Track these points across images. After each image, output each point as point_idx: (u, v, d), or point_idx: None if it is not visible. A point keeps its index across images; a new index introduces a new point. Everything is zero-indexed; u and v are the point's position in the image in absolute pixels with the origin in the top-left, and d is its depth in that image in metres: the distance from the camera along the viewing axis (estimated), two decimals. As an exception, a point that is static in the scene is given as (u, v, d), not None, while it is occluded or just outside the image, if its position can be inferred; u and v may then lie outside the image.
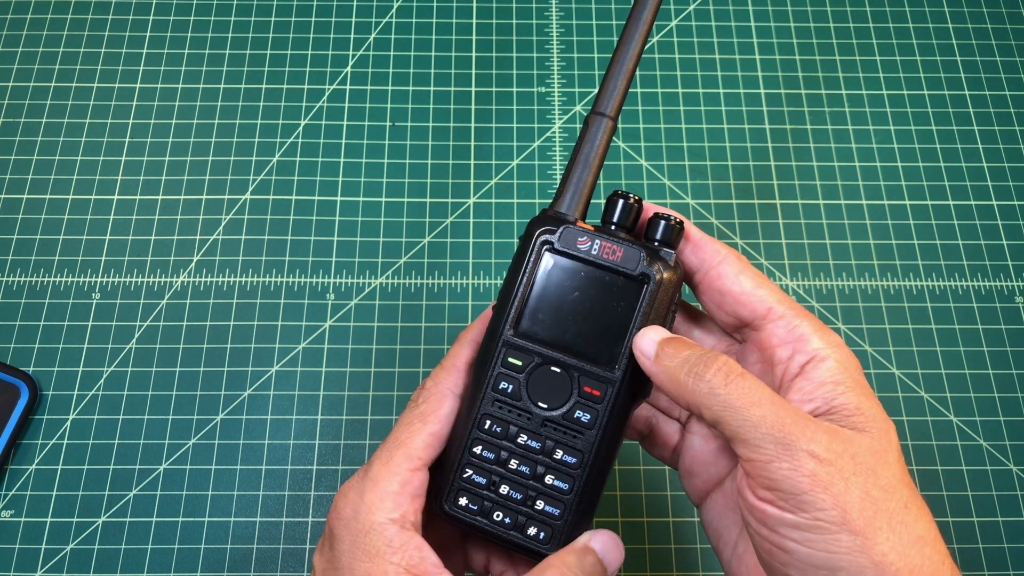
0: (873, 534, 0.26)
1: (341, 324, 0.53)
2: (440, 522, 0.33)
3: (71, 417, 0.51)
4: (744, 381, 0.28)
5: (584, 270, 0.32)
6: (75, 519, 0.49)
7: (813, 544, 0.26)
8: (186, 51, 0.61)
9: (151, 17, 0.62)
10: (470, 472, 0.32)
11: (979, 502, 0.50)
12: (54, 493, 0.49)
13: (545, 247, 0.32)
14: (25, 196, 0.57)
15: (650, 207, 0.34)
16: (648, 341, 0.30)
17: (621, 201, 0.33)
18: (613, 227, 0.33)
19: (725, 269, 0.32)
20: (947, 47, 0.62)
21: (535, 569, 0.30)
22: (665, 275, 0.31)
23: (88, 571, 0.48)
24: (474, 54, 0.62)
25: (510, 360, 0.32)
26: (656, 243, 0.32)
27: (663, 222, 0.32)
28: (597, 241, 0.31)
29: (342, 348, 0.53)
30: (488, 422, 0.32)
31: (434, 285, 0.55)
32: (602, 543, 0.31)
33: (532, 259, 0.32)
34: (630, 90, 0.58)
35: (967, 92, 0.61)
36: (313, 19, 0.63)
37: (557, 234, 0.32)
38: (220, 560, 0.48)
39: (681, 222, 0.32)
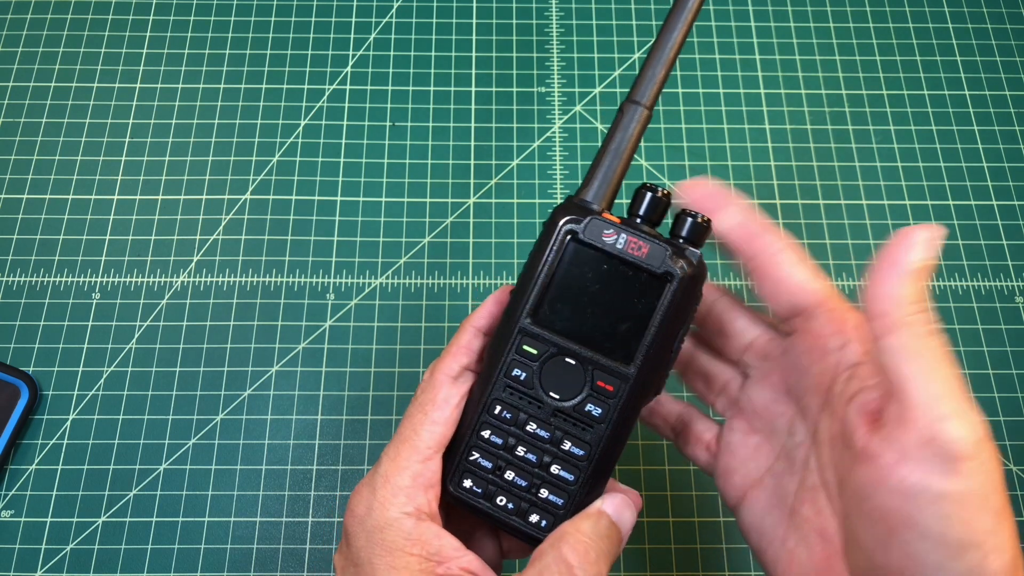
0: (1005, 518, 0.25)
1: (341, 324, 0.53)
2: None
3: (71, 417, 0.51)
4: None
5: (607, 263, 0.31)
6: (75, 519, 0.49)
7: (954, 516, 0.25)
8: (186, 51, 0.61)
9: (151, 17, 0.62)
10: (476, 455, 0.32)
11: (979, 502, 0.50)
12: (54, 493, 0.49)
13: (569, 236, 0.31)
14: (25, 196, 0.57)
15: (692, 189, 0.33)
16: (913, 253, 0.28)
17: (649, 194, 0.32)
18: (639, 220, 0.32)
19: (782, 258, 0.32)
20: (947, 47, 0.62)
21: (550, 538, 0.30)
22: (688, 274, 0.30)
23: (88, 571, 0.48)
24: (474, 54, 0.61)
25: (525, 348, 0.32)
26: (681, 240, 0.31)
27: (690, 219, 0.31)
28: (623, 235, 0.31)
29: (342, 348, 0.53)
30: (498, 407, 0.32)
31: (434, 285, 0.55)
32: (614, 506, 0.31)
33: (555, 247, 0.31)
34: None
35: (967, 92, 0.61)
36: (313, 19, 0.63)
37: (583, 224, 0.31)
38: (220, 560, 0.48)
39: (708, 220, 0.32)
